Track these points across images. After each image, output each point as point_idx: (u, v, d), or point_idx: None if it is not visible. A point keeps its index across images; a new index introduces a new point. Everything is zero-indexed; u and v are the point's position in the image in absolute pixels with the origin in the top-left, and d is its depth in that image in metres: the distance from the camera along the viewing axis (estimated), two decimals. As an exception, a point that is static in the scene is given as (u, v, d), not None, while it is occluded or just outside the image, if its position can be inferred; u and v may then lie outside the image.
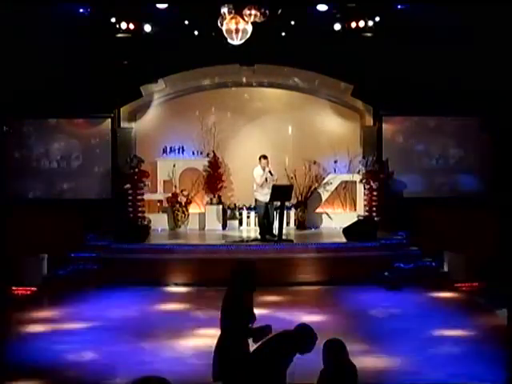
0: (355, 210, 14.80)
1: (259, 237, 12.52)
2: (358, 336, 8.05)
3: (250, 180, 13.02)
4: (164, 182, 14.77)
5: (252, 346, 5.23)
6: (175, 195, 14.48)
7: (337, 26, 12.89)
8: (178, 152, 14.86)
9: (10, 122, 13.92)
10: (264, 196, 12.51)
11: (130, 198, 13.91)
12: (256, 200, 12.84)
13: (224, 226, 14.43)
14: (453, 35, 12.59)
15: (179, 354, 7.42)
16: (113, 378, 6.70)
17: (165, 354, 7.43)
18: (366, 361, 6.77)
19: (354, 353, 6.91)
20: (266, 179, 12.47)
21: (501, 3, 10.99)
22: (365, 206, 14.48)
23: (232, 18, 11.14)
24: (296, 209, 14.56)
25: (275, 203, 12.76)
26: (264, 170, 12.52)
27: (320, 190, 14.73)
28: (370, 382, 6.20)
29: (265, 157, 12.61)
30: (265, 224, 12.61)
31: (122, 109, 14.64)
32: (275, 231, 12.50)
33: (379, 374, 6.58)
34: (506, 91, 11.79)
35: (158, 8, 12.51)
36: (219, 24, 11.25)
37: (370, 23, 12.80)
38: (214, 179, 14.57)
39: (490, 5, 11.44)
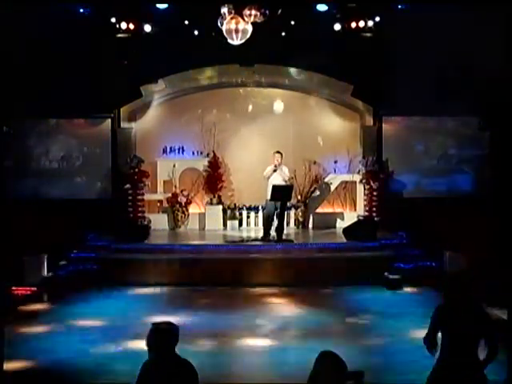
0: (355, 210, 14.81)
1: (259, 237, 12.52)
2: (358, 336, 8.08)
3: (250, 180, 13.03)
4: (164, 182, 14.77)
5: None
6: (175, 195, 14.49)
7: (337, 26, 12.89)
8: (178, 152, 14.87)
9: (10, 122, 13.91)
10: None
11: (130, 197, 13.93)
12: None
13: (224, 226, 14.44)
14: (452, 35, 12.60)
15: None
16: (112, 379, 6.69)
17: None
18: (365, 361, 6.79)
19: (353, 353, 7.00)
20: (271, 174, 12.46)
21: (500, 3, 10.98)
22: (365, 206, 14.49)
23: (232, 18, 11.14)
24: (296, 209, 14.57)
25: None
26: (275, 165, 12.51)
27: (320, 190, 14.74)
28: (369, 381, 6.20)
29: (277, 152, 12.68)
30: (270, 222, 12.60)
31: (122, 109, 14.65)
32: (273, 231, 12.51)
33: (379, 373, 6.58)
34: (505, 91, 11.78)
35: (158, 8, 12.52)
36: (219, 24, 11.26)
37: (370, 23, 12.80)
38: (214, 179, 14.57)
39: (490, 5, 11.45)
